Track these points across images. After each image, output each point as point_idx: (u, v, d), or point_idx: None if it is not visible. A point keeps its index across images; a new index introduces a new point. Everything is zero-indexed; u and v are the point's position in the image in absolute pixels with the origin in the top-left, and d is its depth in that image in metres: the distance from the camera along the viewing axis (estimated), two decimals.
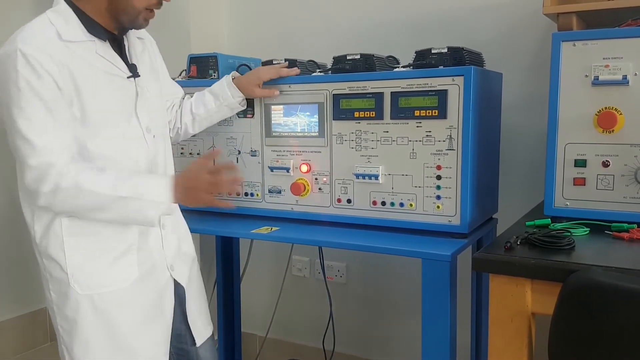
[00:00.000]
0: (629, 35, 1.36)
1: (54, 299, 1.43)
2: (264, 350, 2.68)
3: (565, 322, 1.05)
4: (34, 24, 1.34)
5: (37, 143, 1.29)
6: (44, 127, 1.29)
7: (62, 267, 1.40)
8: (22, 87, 1.27)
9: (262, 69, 1.77)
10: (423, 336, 1.45)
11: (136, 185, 1.36)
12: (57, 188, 1.30)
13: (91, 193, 1.31)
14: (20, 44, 1.27)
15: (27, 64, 1.27)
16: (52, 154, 1.30)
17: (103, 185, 1.32)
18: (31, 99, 1.28)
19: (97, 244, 1.42)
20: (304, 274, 2.58)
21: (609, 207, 1.41)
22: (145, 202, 1.35)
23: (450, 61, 1.59)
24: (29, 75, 1.27)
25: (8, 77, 1.27)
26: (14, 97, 1.28)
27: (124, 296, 1.44)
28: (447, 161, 1.56)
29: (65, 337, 1.44)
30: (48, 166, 1.29)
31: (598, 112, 1.39)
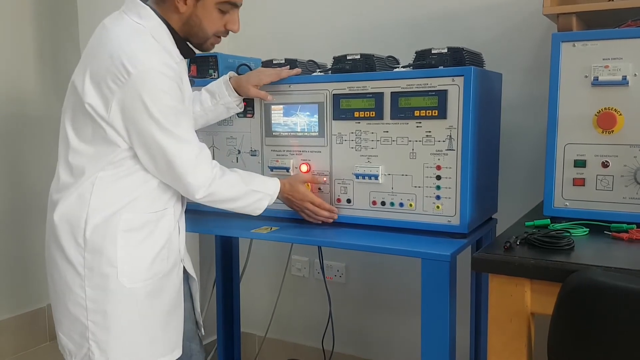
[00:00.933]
0: (628, 36, 1.36)
1: (88, 295, 1.43)
2: (263, 349, 2.69)
3: (564, 322, 1.05)
4: (145, 44, 1.40)
5: (197, 147, 1.47)
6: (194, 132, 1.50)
7: (111, 261, 1.42)
8: (170, 103, 1.39)
9: (264, 71, 1.77)
10: (422, 336, 1.45)
11: (261, 181, 1.63)
12: (213, 183, 1.50)
13: (233, 187, 1.55)
14: (156, 65, 1.36)
15: (171, 82, 1.38)
16: (208, 155, 1.51)
17: (239, 181, 1.57)
18: (180, 110, 1.43)
19: (144, 239, 1.46)
20: (303, 274, 2.58)
21: (608, 208, 1.41)
22: (266, 195, 1.61)
23: (450, 61, 1.60)
24: (174, 92, 1.40)
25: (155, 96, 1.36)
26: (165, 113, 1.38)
27: (156, 289, 1.49)
28: (446, 161, 1.56)
29: (99, 332, 1.44)
30: (207, 167, 1.49)
31: (598, 113, 1.40)
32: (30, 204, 2.75)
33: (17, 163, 2.74)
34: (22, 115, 2.77)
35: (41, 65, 2.84)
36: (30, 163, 2.74)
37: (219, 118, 1.80)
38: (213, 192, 1.50)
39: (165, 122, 1.39)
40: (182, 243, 1.60)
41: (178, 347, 1.56)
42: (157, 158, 1.43)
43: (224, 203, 1.56)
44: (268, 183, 1.63)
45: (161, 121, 1.38)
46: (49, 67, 2.87)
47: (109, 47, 1.37)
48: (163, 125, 1.39)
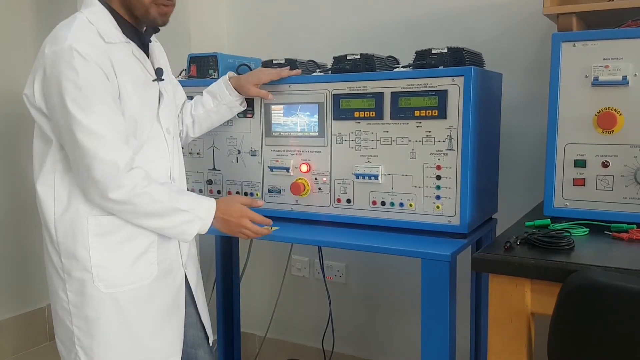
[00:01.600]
0: (628, 36, 1.36)
1: (71, 300, 1.42)
2: (263, 350, 2.69)
3: (564, 322, 1.05)
4: (76, 24, 1.35)
5: (107, 136, 1.31)
6: (109, 121, 1.32)
7: (85, 266, 1.40)
8: (82, 84, 1.29)
9: (264, 70, 1.77)
10: (422, 336, 1.45)
11: (190, 200, 1.44)
12: (134, 188, 1.34)
13: (156, 202, 1.38)
14: (73, 42, 1.29)
15: (84, 62, 1.29)
16: (123, 149, 1.34)
17: (165, 195, 1.40)
18: (93, 95, 1.30)
19: (120, 243, 1.42)
20: (303, 274, 2.58)
21: (609, 208, 1.41)
22: (195, 217, 1.43)
23: (450, 61, 1.60)
24: (88, 73, 1.29)
25: (63, 75, 1.29)
26: (72, 94, 1.29)
27: (144, 294, 1.46)
28: (446, 161, 1.56)
29: (83, 338, 1.42)
30: (123, 162, 1.32)
31: (598, 113, 1.40)
32: (30, 204, 2.74)
33: (17, 163, 2.74)
34: (21, 116, 2.76)
35: None
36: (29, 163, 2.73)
37: (223, 119, 1.79)
38: (131, 200, 1.35)
39: (71, 104, 1.29)
40: (185, 249, 1.57)
41: (174, 354, 1.52)
42: (67, 145, 1.35)
43: (144, 218, 1.39)
44: (202, 202, 1.46)
45: (67, 103, 1.29)
46: None
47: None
48: (69, 108, 1.29)
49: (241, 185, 1.89)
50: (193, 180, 1.97)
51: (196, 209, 1.44)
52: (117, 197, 1.33)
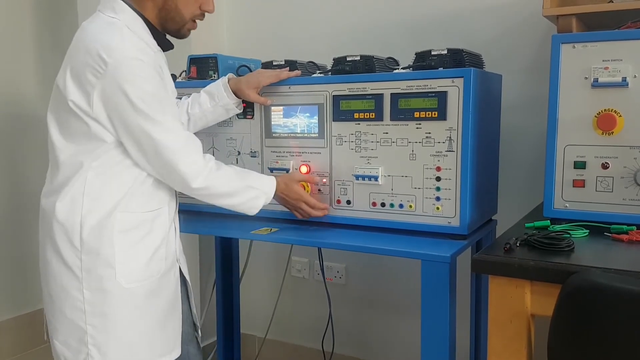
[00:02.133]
0: (628, 38, 1.36)
1: (87, 298, 1.42)
2: (263, 351, 2.68)
3: (564, 323, 1.05)
4: (126, 33, 1.39)
5: (181, 133, 1.45)
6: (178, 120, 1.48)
7: (109, 262, 1.41)
8: (152, 91, 1.38)
9: (263, 72, 1.77)
10: (422, 337, 1.45)
11: (255, 178, 1.60)
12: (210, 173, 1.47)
13: (230, 181, 1.52)
14: (134, 53, 1.35)
15: (149, 69, 1.37)
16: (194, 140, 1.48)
17: (235, 175, 1.55)
18: (161, 98, 1.40)
19: (141, 238, 1.46)
20: (303, 275, 2.58)
21: (608, 209, 1.41)
22: (261, 193, 1.58)
23: (450, 63, 1.60)
24: (153, 79, 1.38)
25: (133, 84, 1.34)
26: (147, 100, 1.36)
27: (154, 289, 1.49)
28: (446, 162, 1.56)
29: (98, 335, 1.43)
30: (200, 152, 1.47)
31: (597, 114, 1.40)
32: (29, 205, 2.75)
33: (16, 163, 2.74)
34: (21, 116, 2.77)
35: (40, 65, 2.84)
36: (29, 163, 2.73)
37: (218, 119, 1.80)
38: (209, 184, 1.48)
39: (147, 109, 1.37)
40: (179, 244, 1.60)
41: (176, 348, 1.56)
42: (144, 148, 1.41)
43: (219, 198, 1.53)
44: (264, 180, 1.61)
45: (143, 109, 1.36)
46: (49, 67, 2.86)
47: (86, 43, 1.37)
48: (145, 113, 1.36)
49: None
50: None
51: (262, 185, 1.58)
52: (199, 185, 1.46)
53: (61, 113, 1.42)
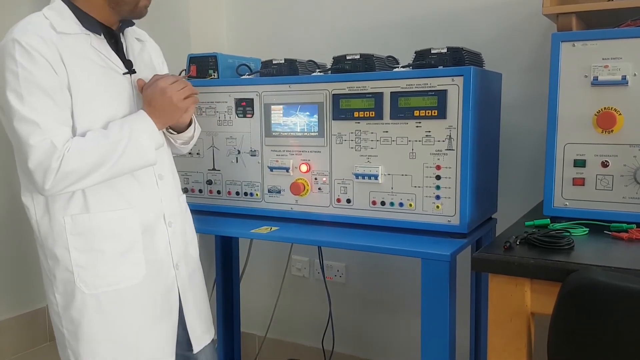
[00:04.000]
0: (628, 36, 1.36)
1: (59, 302, 1.41)
2: (263, 350, 2.69)
3: (564, 321, 1.05)
4: (29, 18, 1.36)
5: (41, 124, 1.28)
6: (44, 109, 1.29)
7: (67, 266, 1.39)
8: (20, 74, 1.28)
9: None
10: (422, 336, 1.45)
11: (121, 127, 1.36)
12: (62, 160, 1.28)
13: (91, 149, 1.31)
14: (15, 35, 1.30)
15: (24, 52, 1.28)
16: (54, 132, 1.29)
17: (96, 140, 1.32)
18: (30, 84, 1.28)
19: (100, 243, 1.39)
20: (303, 274, 2.58)
21: (608, 207, 1.41)
22: (136, 133, 1.35)
23: (450, 61, 1.60)
24: (27, 63, 1.28)
25: (5, 65, 1.29)
26: (11, 84, 1.28)
27: (130, 295, 1.43)
28: (446, 161, 1.56)
29: (72, 340, 1.41)
30: (51, 144, 1.27)
31: (597, 113, 1.40)
32: None
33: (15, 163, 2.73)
34: None
35: None
36: None
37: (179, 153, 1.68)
38: (64, 173, 1.28)
39: (10, 95, 1.28)
40: (176, 249, 1.52)
41: (165, 356, 1.49)
42: (12, 140, 1.33)
43: (90, 177, 1.32)
44: (129, 120, 1.38)
45: (7, 94, 1.28)
46: None
47: None
48: (8, 98, 1.28)
49: (241, 185, 1.89)
50: (193, 180, 1.97)
51: (128, 128, 1.35)
52: (52, 183, 1.28)
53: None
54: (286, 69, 1.84)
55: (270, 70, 1.86)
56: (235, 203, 1.90)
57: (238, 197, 1.90)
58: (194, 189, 1.97)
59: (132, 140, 1.35)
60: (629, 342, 0.99)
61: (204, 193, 1.96)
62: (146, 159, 1.39)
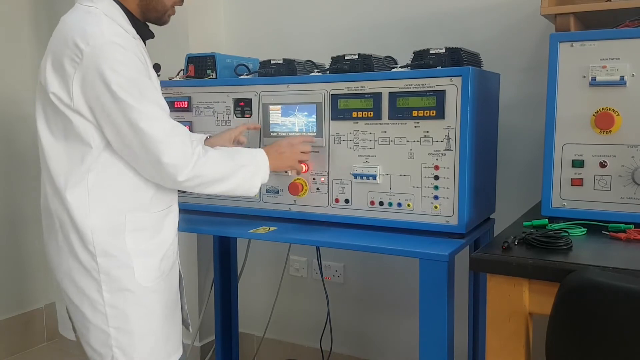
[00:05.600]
0: (626, 37, 1.36)
1: (107, 301, 1.40)
2: (261, 350, 2.68)
3: (562, 322, 1.05)
4: (104, 20, 1.35)
5: (166, 120, 1.37)
6: (163, 106, 1.39)
7: (125, 262, 1.40)
8: (132, 76, 1.31)
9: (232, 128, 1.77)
10: (420, 336, 1.45)
11: (245, 154, 1.52)
12: (197, 161, 1.38)
13: (219, 165, 1.44)
14: (112, 37, 1.31)
15: (128, 54, 1.31)
16: (179, 129, 1.39)
17: (224, 157, 1.46)
18: (143, 84, 1.33)
19: (152, 237, 1.45)
20: (301, 274, 2.58)
21: (606, 208, 1.41)
22: (256, 168, 1.51)
23: (448, 61, 1.60)
24: (133, 64, 1.32)
25: (112, 70, 1.29)
26: (126, 87, 1.30)
27: (165, 286, 1.50)
28: (444, 161, 1.56)
29: (122, 337, 1.42)
30: (183, 142, 1.37)
31: (595, 113, 1.40)
32: (28, 205, 2.75)
33: (15, 164, 2.74)
34: (19, 116, 2.76)
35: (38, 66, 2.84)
36: (27, 163, 2.73)
37: None
38: (197, 173, 1.39)
39: (127, 96, 1.30)
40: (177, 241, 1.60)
41: (181, 343, 1.58)
42: (128, 140, 1.34)
43: (212, 185, 1.44)
44: (254, 154, 1.54)
45: (122, 96, 1.30)
46: None
47: (63, 33, 1.35)
48: (125, 100, 1.30)
49: None
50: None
51: (253, 160, 1.52)
52: (186, 177, 1.37)
53: (47, 110, 1.38)
54: (284, 69, 1.84)
55: (269, 70, 1.86)
56: (234, 203, 1.90)
57: (236, 197, 1.90)
58: None
59: (252, 173, 1.51)
60: (628, 342, 0.99)
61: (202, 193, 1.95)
62: (250, 192, 1.53)
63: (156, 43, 1.68)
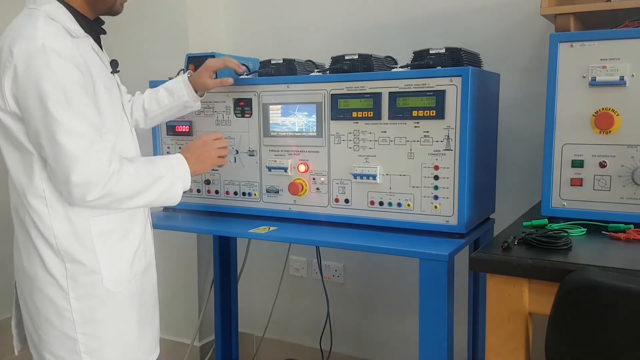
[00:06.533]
0: (626, 37, 1.36)
1: (74, 307, 1.38)
2: (261, 350, 2.68)
3: (562, 321, 1.05)
4: (41, 21, 1.29)
5: (87, 136, 1.27)
6: (89, 120, 1.29)
7: (93, 269, 1.38)
8: (61, 85, 1.24)
9: (210, 60, 1.78)
10: (420, 336, 1.45)
11: (162, 164, 1.44)
12: (110, 180, 1.30)
13: (138, 178, 1.36)
14: (45, 41, 1.25)
15: (61, 60, 1.25)
16: (98, 145, 1.29)
17: (139, 171, 1.37)
18: (72, 94, 1.26)
19: (120, 240, 1.44)
20: (301, 274, 2.58)
21: (606, 208, 1.41)
22: (174, 178, 1.44)
23: (448, 62, 1.60)
24: (65, 72, 1.26)
25: (41, 76, 1.24)
26: (53, 95, 1.24)
27: (137, 289, 1.48)
28: (444, 161, 1.56)
29: (90, 343, 1.40)
30: (98, 160, 1.28)
31: (595, 113, 1.40)
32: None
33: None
34: None
35: None
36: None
37: (176, 116, 1.80)
38: (109, 191, 1.30)
39: (52, 105, 1.23)
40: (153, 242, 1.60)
41: (157, 345, 1.58)
42: (45, 150, 1.28)
43: (127, 201, 1.36)
44: (172, 164, 1.46)
45: (48, 105, 1.23)
46: None
47: (3, 38, 1.31)
48: (49, 109, 1.24)
49: (239, 185, 1.89)
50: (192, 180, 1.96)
51: (171, 170, 1.44)
52: (96, 196, 1.29)
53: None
54: (284, 69, 1.84)
55: (269, 70, 1.86)
56: (234, 203, 1.90)
57: (236, 197, 1.90)
58: (192, 189, 1.97)
59: (171, 183, 1.43)
60: (627, 342, 0.99)
61: (202, 193, 1.96)
62: (171, 202, 1.47)
63: (156, 43, 1.69)
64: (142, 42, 2.51)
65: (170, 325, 2.50)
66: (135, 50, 2.50)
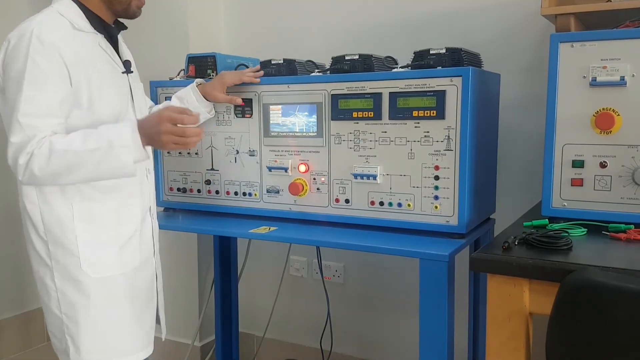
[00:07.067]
0: (626, 37, 1.36)
1: (58, 287, 1.44)
2: (261, 350, 2.68)
3: (562, 321, 1.05)
4: (44, 14, 1.39)
5: (27, 122, 1.32)
6: (39, 109, 1.33)
7: (72, 251, 1.43)
8: (28, 69, 1.32)
9: (226, 74, 1.80)
10: (420, 336, 1.45)
11: (103, 135, 1.35)
12: (31, 155, 1.32)
13: (63, 152, 1.32)
14: (34, 29, 1.33)
15: (40, 46, 1.32)
16: (36, 130, 1.33)
17: (73, 142, 1.33)
18: (34, 81, 1.33)
19: (106, 229, 1.46)
20: (301, 274, 2.58)
21: (606, 208, 1.41)
22: (116, 148, 1.34)
23: (449, 62, 1.60)
24: (40, 59, 1.33)
25: (18, 58, 1.33)
26: (19, 78, 1.32)
27: (127, 282, 1.50)
28: (445, 161, 1.56)
29: (71, 326, 1.44)
30: (27, 140, 1.32)
31: (596, 113, 1.40)
32: None
33: None
34: None
35: None
36: None
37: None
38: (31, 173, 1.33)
39: (12, 85, 1.34)
40: (157, 238, 1.62)
41: (151, 343, 1.58)
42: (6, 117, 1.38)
43: (60, 177, 1.35)
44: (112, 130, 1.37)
45: (11, 84, 1.34)
46: None
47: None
48: (11, 89, 1.34)
49: (239, 185, 1.89)
50: (191, 180, 1.97)
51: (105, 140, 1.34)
52: (24, 160, 1.32)
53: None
54: (285, 69, 1.84)
55: (269, 71, 1.86)
56: (234, 203, 1.90)
57: (237, 197, 1.90)
58: (193, 189, 1.97)
59: (109, 153, 1.34)
60: (627, 342, 0.99)
61: (202, 193, 1.96)
62: (124, 172, 1.38)
63: (156, 43, 1.69)
64: (142, 42, 2.51)
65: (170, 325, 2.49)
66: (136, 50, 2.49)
